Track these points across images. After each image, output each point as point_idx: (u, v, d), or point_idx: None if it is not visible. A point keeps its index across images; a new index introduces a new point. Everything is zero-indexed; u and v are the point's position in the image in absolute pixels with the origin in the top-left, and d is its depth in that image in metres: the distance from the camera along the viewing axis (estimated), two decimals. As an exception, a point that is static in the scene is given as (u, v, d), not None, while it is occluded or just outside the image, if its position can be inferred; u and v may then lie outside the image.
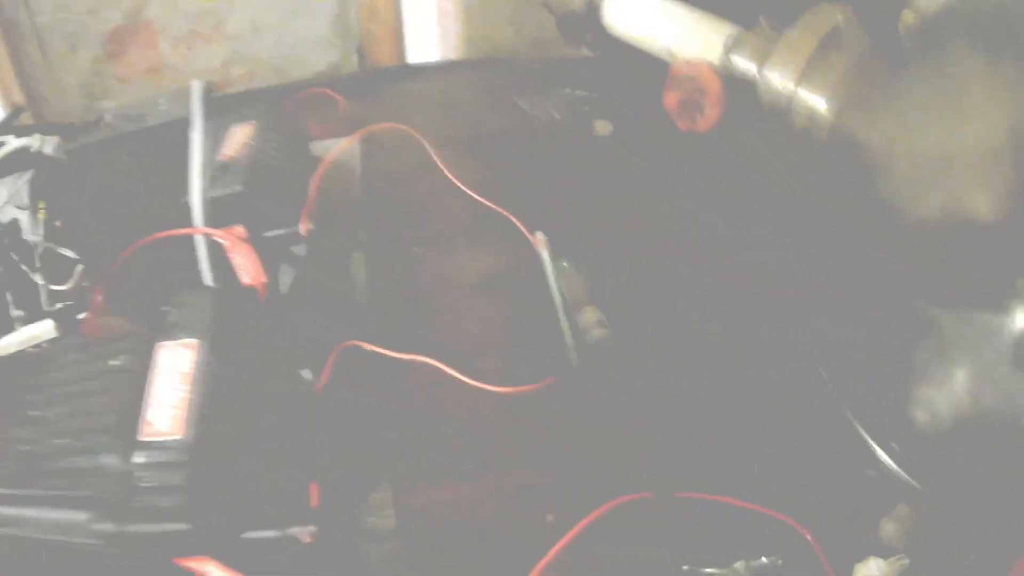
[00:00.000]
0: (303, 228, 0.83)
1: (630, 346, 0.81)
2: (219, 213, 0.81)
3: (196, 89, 0.86)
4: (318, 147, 1.15)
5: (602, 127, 1.14)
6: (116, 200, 0.89)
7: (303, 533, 0.55)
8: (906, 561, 0.58)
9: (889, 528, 0.62)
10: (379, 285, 0.89)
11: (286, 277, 0.86)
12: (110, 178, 0.93)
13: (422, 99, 1.28)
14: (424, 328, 0.83)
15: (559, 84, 1.24)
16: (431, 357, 0.77)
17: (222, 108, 0.96)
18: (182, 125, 0.88)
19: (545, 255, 0.90)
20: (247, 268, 0.84)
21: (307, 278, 0.85)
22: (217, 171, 0.85)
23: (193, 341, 0.62)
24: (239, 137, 0.92)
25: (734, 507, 0.64)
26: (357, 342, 0.76)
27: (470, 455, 0.72)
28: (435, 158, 1.07)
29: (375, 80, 1.39)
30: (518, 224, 0.96)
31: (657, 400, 0.76)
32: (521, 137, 1.15)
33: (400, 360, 0.77)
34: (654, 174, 1.06)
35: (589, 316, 0.82)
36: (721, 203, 0.98)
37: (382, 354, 0.77)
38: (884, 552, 0.59)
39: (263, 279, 0.85)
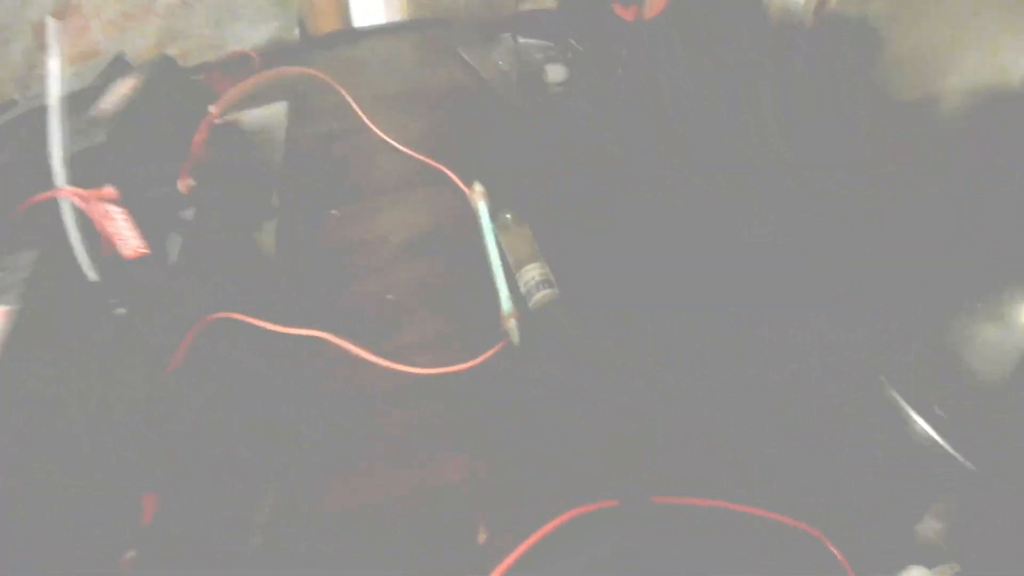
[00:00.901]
0: (182, 185, 0.69)
1: (582, 310, 0.65)
2: (84, 170, 0.68)
3: (51, 27, 0.72)
4: (246, 116, 1.05)
5: (554, 73, 1.01)
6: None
7: (123, 561, 0.40)
8: (957, 567, 0.43)
9: (931, 527, 0.47)
10: (288, 253, 0.75)
11: (174, 246, 0.72)
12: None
13: (359, 60, 1.16)
14: (334, 299, 0.69)
15: (507, 33, 1.11)
16: (334, 332, 0.62)
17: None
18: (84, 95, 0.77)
19: (482, 207, 0.76)
20: (124, 237, 0.71)
21: (198, 246, 0.72)
22: (84, 125, 0.72)
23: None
24: (119, 91, 0.78)
25: (726, 513, 0.49)
26: (230, 314, 0.62)
27: (383, 451, 0.57)
28: (360, 113, 0.94)
29: (313, 46, 1.26)
30: (454, 178, 0.82)
31: (619, 377, 0.60)
32: (464, 91, 1.02)
33: (291, 336, 0.62)
34: (613, 121, 0.92)
35: (532, 274, 0.68)
36: (686, 150, 0.84)
37: (266, 329, 0.62)
38: (926, 558, 0.45)
39: (143, 249, 0.71)
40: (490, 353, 0.62)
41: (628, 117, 0.92)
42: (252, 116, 1.06)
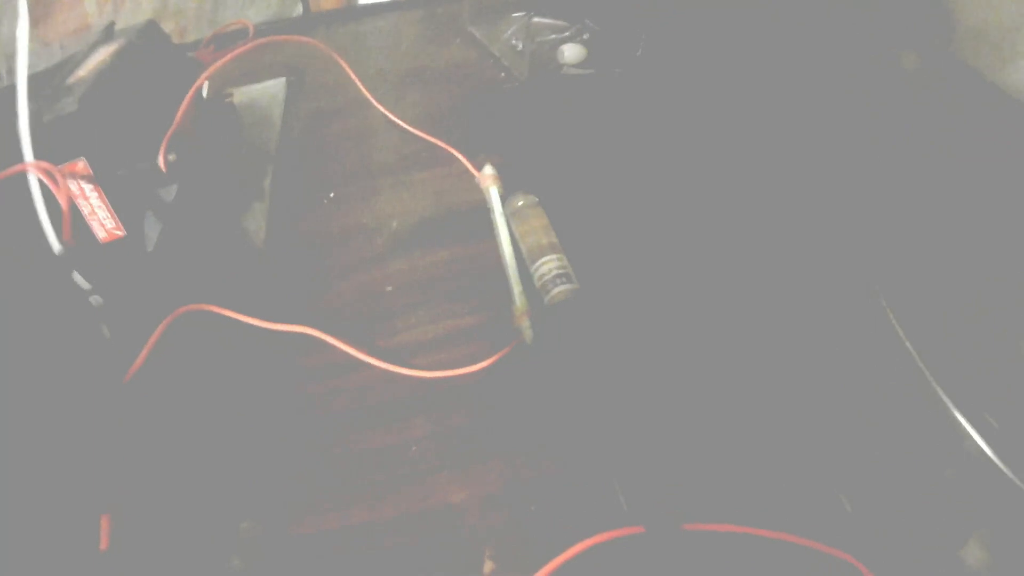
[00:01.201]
0: (161, 161, 0.63)
1: (604, 309, 0.58)
2: (55, 143, 0.61)
3: (20, -12, 0.66)
4: (241, 92, 0.98)
5: (571, 53, 0.93)
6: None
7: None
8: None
9: (975, 555, 0.41)
10: (278, 239, 0.69)
11: (152, 229, 0.65)
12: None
13: (362, 36, 1.09)
14: (326, 291, 0.63)
15: (521, 11, 1.03)
16: (325, 328, 0.55)
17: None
18: (65, 65, 0.70)
19: (493, 191, 0.69)
20: (98, 218, 0.65)
21: (179, 229, 0.65)
22: (56, 94, 0.65)
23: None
24: (97, 58, 0.72)
25: (757, 540, 0.43)
26: (204, 306, 0.55)
27: (376, 466, 0.50)
28: (362, 88, 0.87)
29: (315, 22, 1.19)
30: (462, 159, 0.76)
31: (644, 386, 0.53)
32: (474, 69, 0.95)
33: (276, 333, 0.55)
34: (635, 105, 0.85)
35: (549, 266, 0.61)
36: (715, 136, 0.77)
37: (246, 324, 0.55)
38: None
39: (119, 231, 0.65)
40: (499, 355, 0.55)
41: (648, 101, 0.85)
42: (247, 92, 0.99)
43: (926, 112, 0.62)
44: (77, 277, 0.54)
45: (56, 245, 0.59)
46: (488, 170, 0.71)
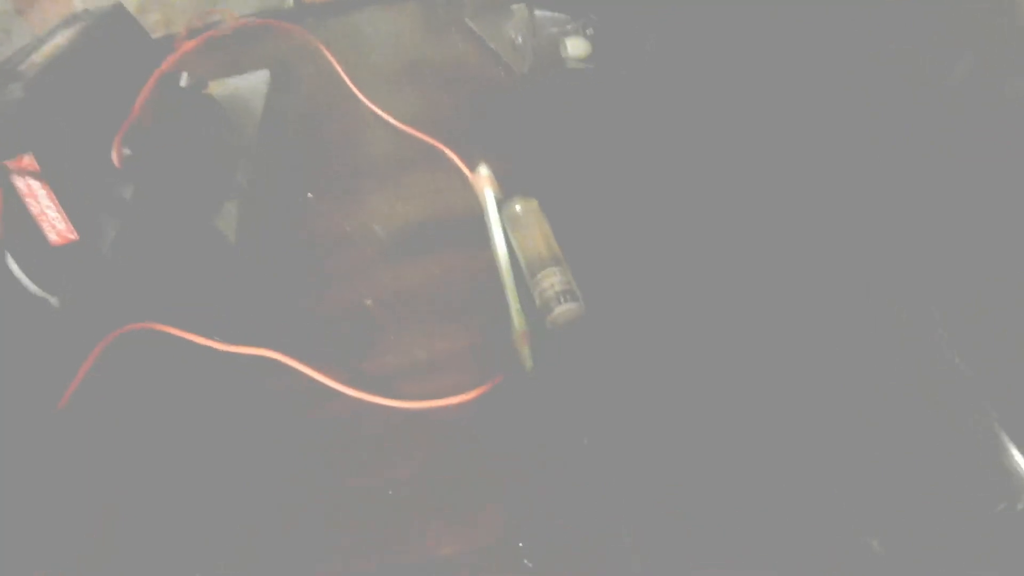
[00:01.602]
0: (115, 156, 0.56)
1: (612, 331, 0.51)
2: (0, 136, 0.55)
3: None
4: (221, 85, 0.92)
5: (575, 47, 0.87)
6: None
7: None
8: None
9: None
10: (251, 244, 0.62)
11: (109, 231, 0.59)
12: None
13: (354, 28, 1.02)
14: (300, 307, 0.56)
15: (521, 4, 0.97)
16: (294, 350, 0.48)
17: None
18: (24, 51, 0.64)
19: (489, 194, 0.62)
20: (48, 219, 0.58)
21: (138, 232, 0.58)
22: (4, 79, 0.58)
23: None
24: (55, 42, 0.65)
25: None
26: (151, 324, 0.48)
27: (351, 513, 0.43)
28: (348, 82, 0.80)
29: (306, 13, 1.13)
30: (455, 159, 0.69)
31: (656, 419, 0.46)
32: (471, 64, 0.88)
33: (236, 356, 0.48)
34: (643, 103, 0.79)
35: (550, 280, 0.55)
36: (726, 136, 0.71)
37: (200, 345, 0.48)
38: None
39: (71, 234, 0.58)
40: (493, 383, 0.48)
41: (656, 99, 0.79)
42: (228, 84, 0.93)
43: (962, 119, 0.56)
44: (14, 268, 0.47)
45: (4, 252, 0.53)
46: (483, 171, 0.65)
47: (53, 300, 0.56)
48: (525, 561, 0.40)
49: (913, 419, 0.45)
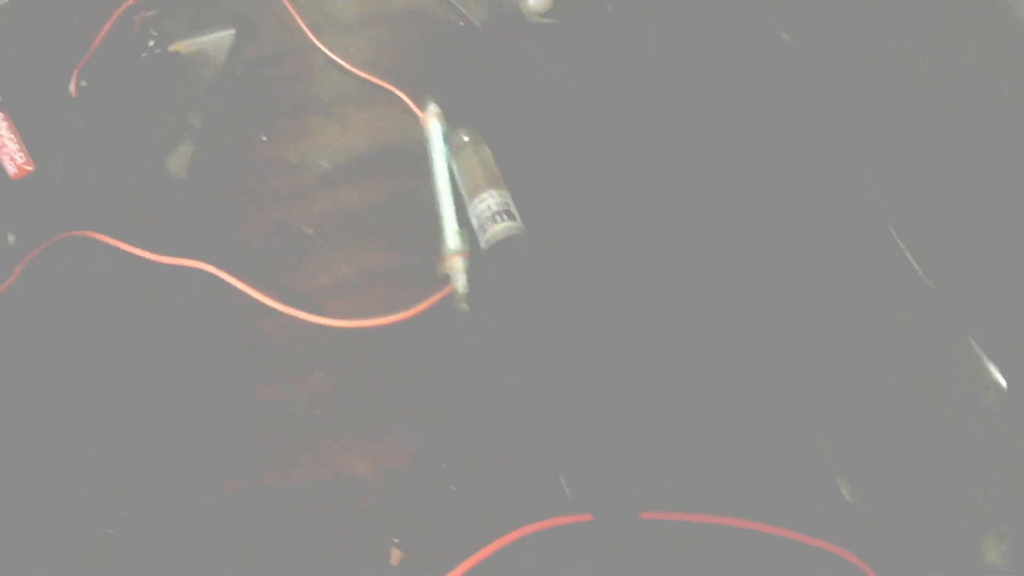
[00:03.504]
0: (72, 86, 0.58)
1: (552, 256, 0.51)
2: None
3: None
4: (187, 44, 0.93)
5: (536, 1, 0.88)
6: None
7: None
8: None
9: (995, 549, 0.35)
10: (199, 178, 0.64)
11: (62, 161, 0.61)
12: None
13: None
14: (236, 228, 0.57)
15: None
16: (228, 267, 0.49)
17: None
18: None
19: (435, 126, 0.64)
20: (8, 151, 0.60)
21: (89, 161, 0.60)
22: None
23: None
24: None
25: (739, 534, 0.36)
26: (87, 232, 0.49)
27: (273, 429, 0.43)
28: (305, 28, 0.82)
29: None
30: (405, 98, 0.71)
31: (596, 349, 0.45)
32: (430, 13, 0.90)
33: (168, 269, 0.48)
34: (602, 60, 0.80)
35: (488, 203, 0.56)
36: (694, 96, 0.72)
37: (133, 255, 0.48)
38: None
39: (29, 166, 0.60)
40: (426, 305, 0.48)
41: (618, 56, 0.80)
42: (195, 43, 0.94)
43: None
44: None
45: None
46: (432, 107, 0.66)
47: (11, 239, 0.58)
48: (450, 486, 0.40)
49: (883, 369, 0.44)
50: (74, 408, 0.42)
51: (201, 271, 0.47)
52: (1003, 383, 0.38)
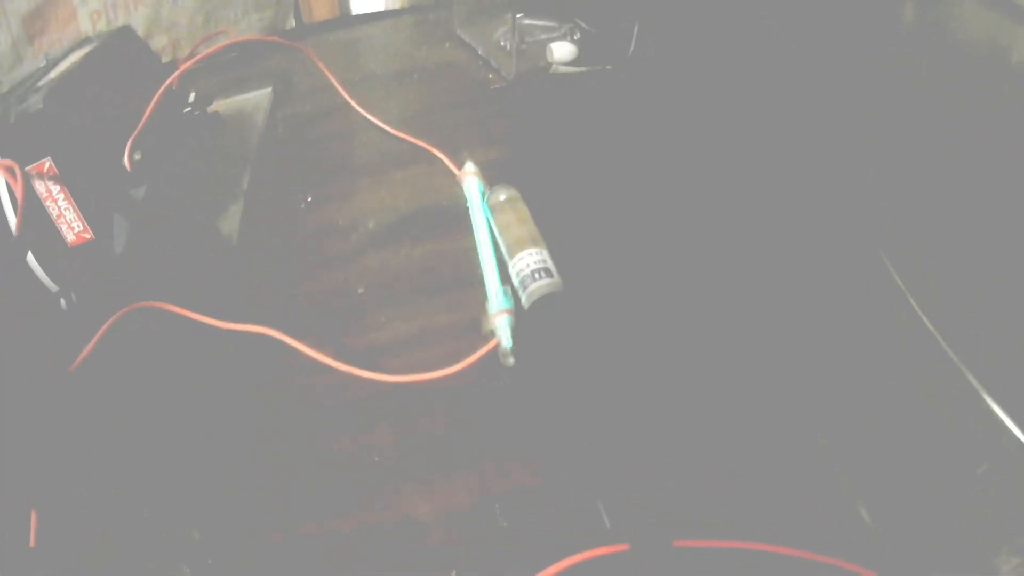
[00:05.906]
0: (126, 160, 0.61)
1: (589, 308, 0.54)
2: (21, 141, 0.60)
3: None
4: (227, 103, 0.97)
5: (560, 51, 0.91)
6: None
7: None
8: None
9: (1010, 563, 0.37)
10: (252, 241, 0.66)
11: (121, 231, 0.63)
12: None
13: (351, 42, 1.08)
14: (293, 292, 0.60)
15: (511, 12, 1.02)
16: (288, 329, 0.52)
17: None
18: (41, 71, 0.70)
19: (473, 182, 0.66)
20: (66, 220, 0.63)
21: (147, 231, 0.63)
22: (26, 94, 0.64)
23: None
24: (70, 60, 0.70)
25: (764, 557, 0.39)
26: (156, 303, 0.52)
27: (336, 477, 0.46)
28: (341, 90, 0.85)
29: (306, 33, 1.19)
30: (442, 157, 0.73)
31: (632, 392, 0.49)
32: (463, 70, 0.93)
33: (233, 334, 0.51)
34: (625, 102, 0.83)
35: (527, 261, 0.58)
36: (705, 133, 0.74)
37: (200, 322, 0.52)
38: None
39: (87, 234, 0.63)
40: (474, 359, 0.51)
41: (638, 99, 0.83)
42: (233, 102, 0.98)
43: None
44: (32, 263, 0.52)
45: (24, 250, 0.57)
46: (469, 167, 0.69)
47: (63, 302, 0.60)
48: (502, 522, 0.43)
49: (896, 388, 0.47)
50: (158, 462, 0.44)
51: (264, 335, 0.49)
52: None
